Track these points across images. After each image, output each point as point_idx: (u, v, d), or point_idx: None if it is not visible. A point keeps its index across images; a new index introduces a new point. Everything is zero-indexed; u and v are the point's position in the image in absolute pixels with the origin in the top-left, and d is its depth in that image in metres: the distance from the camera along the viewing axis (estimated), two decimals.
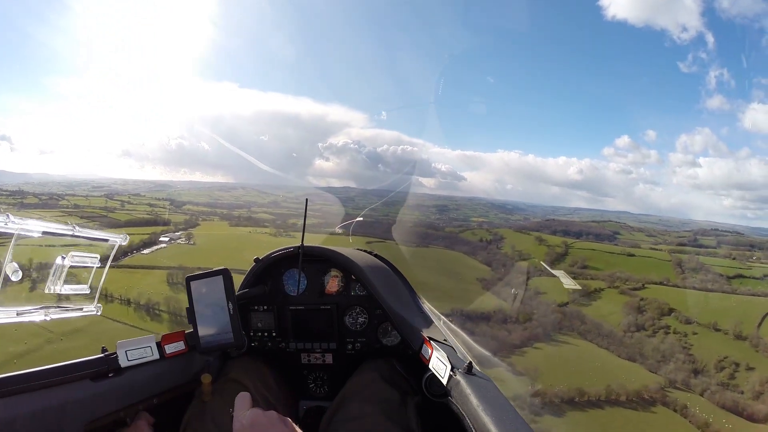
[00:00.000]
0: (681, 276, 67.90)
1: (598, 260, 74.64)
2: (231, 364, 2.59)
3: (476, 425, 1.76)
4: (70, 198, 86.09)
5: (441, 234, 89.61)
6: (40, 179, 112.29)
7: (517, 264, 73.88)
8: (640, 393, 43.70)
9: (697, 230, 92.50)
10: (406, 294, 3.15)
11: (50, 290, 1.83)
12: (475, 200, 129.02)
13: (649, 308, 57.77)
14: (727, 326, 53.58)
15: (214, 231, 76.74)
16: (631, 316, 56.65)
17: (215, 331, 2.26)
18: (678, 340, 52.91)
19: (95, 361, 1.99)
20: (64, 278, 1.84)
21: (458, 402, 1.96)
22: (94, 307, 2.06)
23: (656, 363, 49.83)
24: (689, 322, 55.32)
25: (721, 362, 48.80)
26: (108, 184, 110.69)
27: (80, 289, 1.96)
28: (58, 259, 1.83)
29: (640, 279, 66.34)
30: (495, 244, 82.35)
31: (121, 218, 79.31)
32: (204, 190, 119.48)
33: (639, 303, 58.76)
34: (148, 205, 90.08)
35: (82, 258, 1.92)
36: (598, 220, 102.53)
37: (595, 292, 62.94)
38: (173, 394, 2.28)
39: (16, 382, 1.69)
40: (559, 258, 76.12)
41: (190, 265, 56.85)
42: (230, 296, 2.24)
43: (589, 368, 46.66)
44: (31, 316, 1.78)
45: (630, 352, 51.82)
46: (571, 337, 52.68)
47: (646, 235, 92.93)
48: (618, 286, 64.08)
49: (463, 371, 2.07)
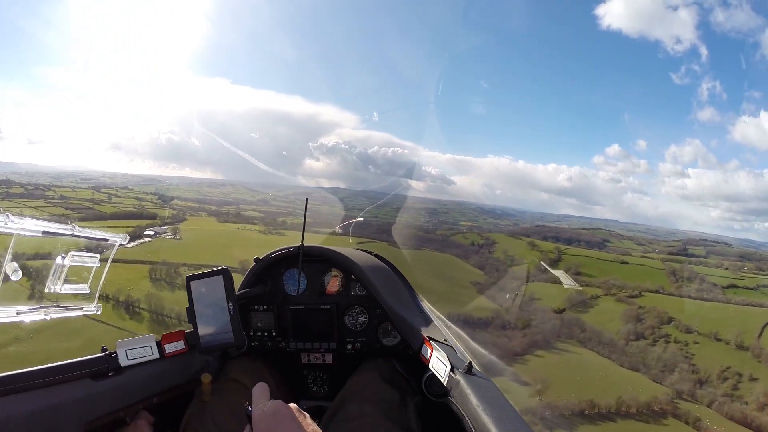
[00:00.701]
0: (676, 285, 66.89)
1: (592, 267, 73.96)
2: (231, 363, 2.57)
3: (476, 425, 1.74)
4: (57, 189, 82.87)
5: (432, 237, 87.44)
6: (28, 169, 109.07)
7: (512, 269, 73.04)
8: (650, 405, 41.73)
9: (686, 240, 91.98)
10: (406, 294, 3.13)
11: (50, 290, 1.83)
12: (464, 204, 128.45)
13: (648, 317, 55.68)
14: (728, 336, 51.64)
15: (202, 226, 73.65)
16: (630, 324, 54.58)
17: (215, 331, 2.24)
18: (679, 349, 50.85)
19: (95, 360, 1.97)
20: (64, 278, 1.84)
21: (458, 402, 1.94)
22: (95, 307, 2.07)
23: (660, 373, 47.78)
24: (690, 331, 53.18)
25: (724, 372, 46.90)
26: (96, 176, 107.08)
27: (80, 289, 1.94)
28: (58, 259, 1.82)
29: (634, 287, 64.40)
30: (487, 248, 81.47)
31: (107, 211, 76.47)
32: (193, 186, 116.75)
33: (637, 311, 56.81)
34: (135, 198, 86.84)
35: (82, 258, 1.90)
36: (588, 227, 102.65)
37: (591, 299, 61.00)
38: (173, 394, 2.25)
39: (16, 381, 1.67)
40: (552, 264, 75.30)
41: (175, 261, 54.08)
42: (230, 296, 2.21)
43: (593, 378, 44.60)
44: (31, 316, 1.76)
45: (632, 361, 49.72)
46: (571, 344, 50.47)
47: (636, 243, 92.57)
48: (615, 293, 62.19)
49: (463, 371, 2.05)
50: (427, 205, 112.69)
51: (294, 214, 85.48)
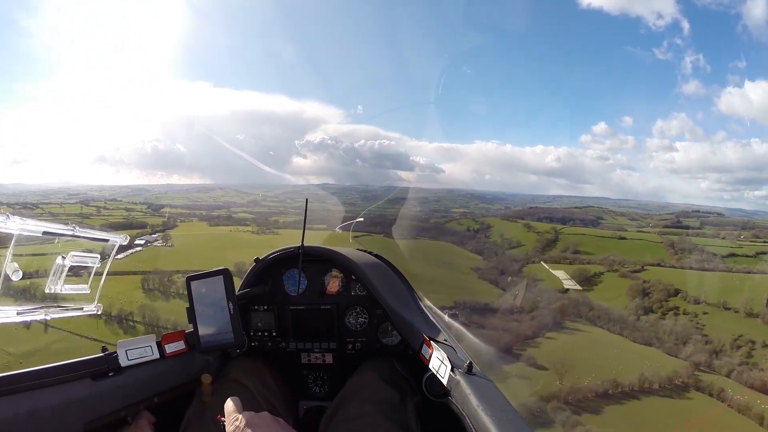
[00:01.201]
0: (676, 257, 66.16)
1: (590, 245, 72.88)
2: (231, 364, 2.54)
3: (476, 425, 1.73)
4: (45, 206, 79.56)
5: (426, 225, 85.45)
6: (15, 189, 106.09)
7: (509, 251, 71.86)
8: (672, 379, 40.40)
9: (679, 212, 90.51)
10: (406, 294, 3.08)
11: (50, 290, 1.80)
12: (455, 191, 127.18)
13: (654, 290, 54.45)
14: (736, 304, 50.49)
15: (193, 231, 71.54)
16: (638, 299, 53.29)
17: (215, 331, 2.19)
18: (690, 320, 49.67)
19: (96, 360, 1.94)
20: (64, 278, 1.82)
21: (458, 402, 1.92)
22: (95, 307, 2.04)
23: (674, 346, 46.50)
24: (697, 302, 51.95)
25: (737, 341, 45.76)
26: (84, 191, 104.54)
27: (80, 289, 1.92)
28: (58, 259, 1.80)
29: (635, 262, 63.55)
30: (483, 233, 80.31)
31: (96, 223, 73.88)
32: (182, 193, 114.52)
33: (643, 285, 55.59)
34: (124, 209, 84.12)
35: (82, 258, 1.88)
36: (579, 206, 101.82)
37: (594, 276, 59.72)
38: (173, 394, 2.22)
39: (16, 381, 1.65)
40: (549, 244, 74.34)
41: (168, 269, 51.91)
42: (230, 296, 2.17)
43: (609, 356, 43.15)
44: (31, 316, 1.74)
45: (645, 336, 48.30)
46: (581, 324, 49.12)
47: (629, 219, 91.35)
48: (617, 269, 60.99)
49: (463, 371, 2.02)
50: (418, 195, 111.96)
51: (286, 213, 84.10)
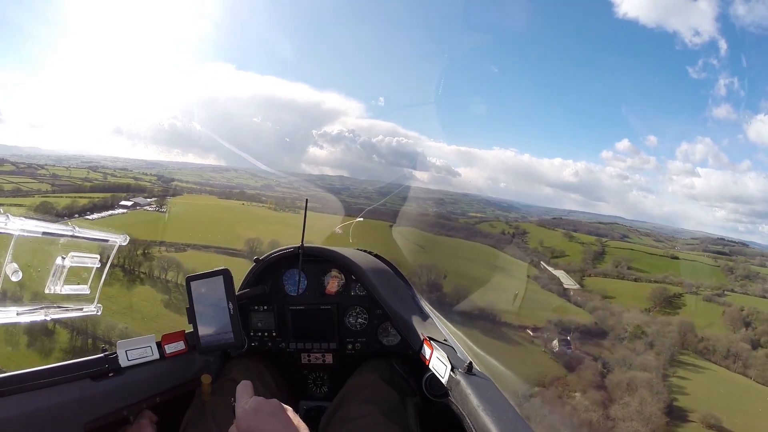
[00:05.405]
0: (738, 283, 53.25)
1: (641, 261, 59.70)
2: (231, 364, 2.40)
3: (476, 425, 1.66)
4: (50, 168, 67.96)
5: (455, 225, 73.08)
6: (30, 152, 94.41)
7: (555, 260, 58.48)
8: None
9: (704, 239, 78.16)
10: (406, 294, 2.89)
11: (50, 290, 1.72)
12: (468, 196, 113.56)
13: (755, 321, 40.80)
14: None
15: (199, 202, 57.45)
16: (742, 330, 39.46)
17: (215, 331, 2.08)
18: None
19: (95, 360, 1.84)
20: (64, 278, 1.73)
21: (458, 402, 1.84)
22: (95, 307, 1.94)
23: None
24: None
25: None
26: (98, 160, 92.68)
27: (80, 290, 1.84)
28: (58, 259, 1.72)
29: (698, 284, 50.82)
30: (519, 238, 66.80)
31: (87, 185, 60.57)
32: (196, 170, 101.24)
33: (740, 314, 41.83)
34: (132, 179, 70.99)
35: (82, 258, 1.80)
36: (602, 221, 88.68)
37: (675, 298, 45.94)
38: (173, 394, 2.10)
39: (16, 382, 1.58)
40: (597, 257, 61.23)
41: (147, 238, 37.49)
42: (230, 296, 2.06)
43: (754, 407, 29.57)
44: (31, 316, 1.67)
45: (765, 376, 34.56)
46: (692, 357, 35.18)
47: (654, 240, 78.10)
48: (698, 292, 47.33)
49: (463, 371, 1.93)
50: (432, 195, 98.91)
51: (300, 200, 71.15)
